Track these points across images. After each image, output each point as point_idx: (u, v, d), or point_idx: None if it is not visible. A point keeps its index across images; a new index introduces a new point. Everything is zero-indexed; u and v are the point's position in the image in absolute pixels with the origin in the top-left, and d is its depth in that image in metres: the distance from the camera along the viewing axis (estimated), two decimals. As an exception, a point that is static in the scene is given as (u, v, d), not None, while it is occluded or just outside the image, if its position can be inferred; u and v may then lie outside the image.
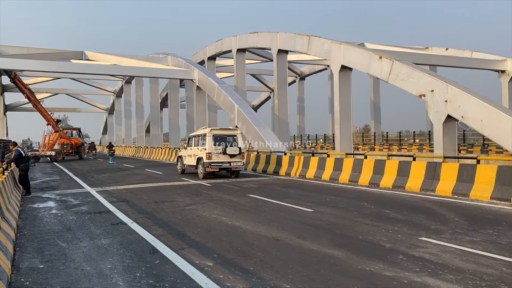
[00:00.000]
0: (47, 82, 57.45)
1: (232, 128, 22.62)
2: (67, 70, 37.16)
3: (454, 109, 17.43)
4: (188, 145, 20.65)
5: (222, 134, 18.78)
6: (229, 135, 18.90)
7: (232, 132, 19.17)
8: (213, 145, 18.23)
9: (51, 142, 37.59)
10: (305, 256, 6.30)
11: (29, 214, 10.19)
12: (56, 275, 5.62)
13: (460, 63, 31.90)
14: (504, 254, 6.21)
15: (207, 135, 18.38)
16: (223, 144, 18.41)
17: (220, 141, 18.50)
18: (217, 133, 18.67)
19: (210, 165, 18.10)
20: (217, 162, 18.16)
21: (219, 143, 18.43)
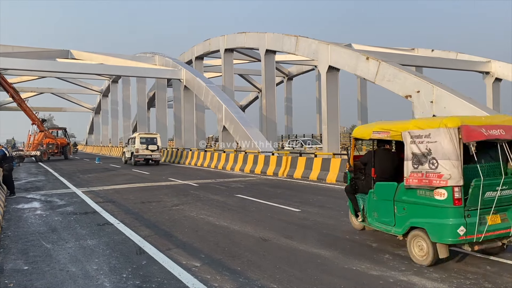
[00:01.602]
0: (32, 81, 56.68)
1: (154, 133, 32.28)
2: (53, 69, 36.72)
3: (439, 110, 17.64)
4: (127, 144, 30.41)
5: (146, 136, 28.88)
6: (151, 137, 28.84)
7: (153, 136, 29.31)
8: (140, 144, 27.78)
9: (36, 142, 37.10)
10: (292, 256, 6.32)
11: (14, 215, 10.05)
12: (41, 276, 5.55)
13: (446, 64, 32.32)
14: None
15: (137, 137, 28.31)
16: (146, 143, 27.95)
17: (145, 141, 28.07)
18: (143, 136, 28.88)
19: (137, 156, 27.86)
20: (142, 155, 27.90)
21: (144, 143, 27.94)
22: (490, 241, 5.72)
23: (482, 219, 5.59)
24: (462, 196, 5.45)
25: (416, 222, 5.89)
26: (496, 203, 5.61)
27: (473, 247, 5.63)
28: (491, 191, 5.58)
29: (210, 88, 30.40)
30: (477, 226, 5.49)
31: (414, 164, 5.84)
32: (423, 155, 5.73)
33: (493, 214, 5.66)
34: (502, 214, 5.78)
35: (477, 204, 5.51)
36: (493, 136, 5.62)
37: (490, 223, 5.62)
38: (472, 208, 5.52)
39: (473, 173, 5.57)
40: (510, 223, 5.77)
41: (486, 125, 5.69)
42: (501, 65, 32.11)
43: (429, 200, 5.70)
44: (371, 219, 6.87)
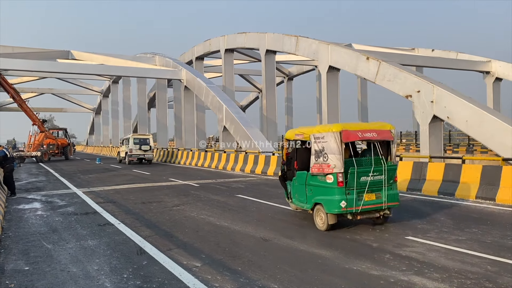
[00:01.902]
0: (33, 81, 56.70)
1: (146, 134, 34.99)
2: (53, 70, 36.75)
3: (440, 109, 17.63)
4: (122, 145, 32.43)
5: (139, 137, 30.63)
6: (144, 138, 30.62)
7: (146, 136, 31.16)
8: (134, 144, 29.54)
9: (36, 143, 37.10)
10: (293, 256, 6.32)
11: (14, 216, 10.05)
12: (41, 277, 5.55)
13: (446, 64, 32.30)
14: (489, 252, 6.30)
15: (130, 138, 30.05)
16: (140, 144, 29.69)
17: (138, 142, 29.81)
18: (136, 137, 30.60)
19: (131, 156, 29.63)
20: (136, 154, 29.67)
21: (137, 143, 29.71)
22: (368, 212, 7.96)
23: (359, 196, 7.75)
24: (343, 179, 7.62)
25: (317, 199, 8.08)
26: (369, 185, 7.81)
27: (355, 216, 7.81)
28: (365, 176, 7.77)
29: (210, 89, 30.40)
30: (355, 201, 7.68)
31: (316, 157, 8.02)
32: (320, 151, 7.90)
33: (368, 193, 7.82)
34: (376, 193, 7.93)
35: (354, 185, 7.67)
36: (367, 138, 7.92)
37: (366, 199, 7.80)
38: (351, 188, 7.68)
39: (355, 164, 7.72)
40: (382, 200, 7.93)
41: (362, 130, 7.96)
42: (501, 64, 32.09)
43: (324, 183, 7.89)
44: (295, 199, 9.07)
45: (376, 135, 7.98)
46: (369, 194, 7.85)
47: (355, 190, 7.71)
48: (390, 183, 8.15)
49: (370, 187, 7.86)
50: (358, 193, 7.75)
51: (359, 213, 7.78)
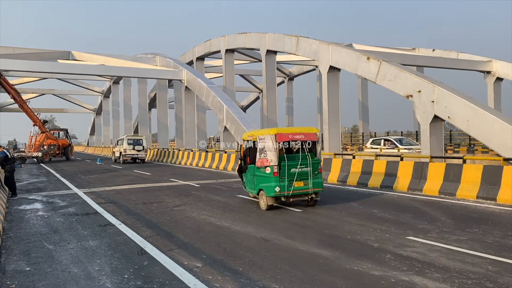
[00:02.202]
0: (34, 82, 56.73)
1: (140, 135, 36.67)
2: (54, 70, 36.78)
3: (440, 109, 17.62)
4: (117, 145, 34.61)
5: (133, 138, 32.67)
6: (137, 139, 32.72)
7: (139, 137, 33.24)
8: (128, 145, 31.58)
9: (37, 143, 37.15)
10: (294, 256, 6.32)
11: (15, 216, 10.07)
12: (42, 277, 5.56)
13: (447, 64, 32.27)
14: (490, 252, 6.30)
15: (124, 139, 32.21)
16: (133, 144, 31.80)
17: (132, 142, 31.93)
18: (130, 137, 32.69)
19: (125, 156, 31.50)
20: (130, 154, 31.57)
21: (131, 144, 31.79)
22: (298, 196, 10.21)
23: (290, 183, 10.01)
24: (278, 170, 9.93)
25: (261, 186, 10.39)
26: (298, 175, 10.09)
27: (288, 199, 10.05)
28: (294, 168, 10.08)
29: (211, 89, 30.41)
30: (286, 187, 9.95)
31: (259, 154, 10.41)
32: (262, 149, 10.30)
33: (297, 181, 10.08)
34: (304, 181, 10.18)
35: (285, 174, 9.98)
36: (297, 139, 10.34)
37: (296, 185, 10.06)
38: (283, 177, 9.98)
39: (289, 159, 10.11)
40: (309, 186, 10.16)
41: (293, 133, 10.39)
42: (502, 64, 32.05)
43: (264, 174, 10.22)
44: (248, 187, 11.40)
45: (303, 137, 10.35)
46: (298, 181, 10.13)
47: (287, 178, 10.01)
48: (315, 173, 10.38)
49: (299, 176, 10.13)
50: (289, 181, 10.05)
51: (290, 196, 10.10)
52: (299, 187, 10.13)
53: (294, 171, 10.07)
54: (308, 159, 10.27)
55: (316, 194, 10.42)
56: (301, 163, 10.15)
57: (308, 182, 10.19)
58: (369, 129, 44.14)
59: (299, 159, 10.18)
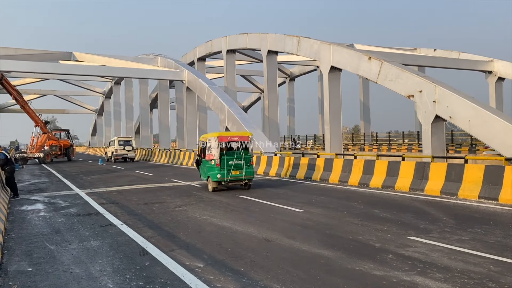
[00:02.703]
0: (35, 83, 56.91)
1: (129, 136, 41.95)
2: (55, 71, 36.88)
3: (442, 109, 17.61)
4: (109, 146, 38.23)
5: (123, 139, 36.17)
6: (127, 140, 36.14)
7: (129, 138, 36.91)
8: (118, 145, 34.98)
9: (39, 144, 37.21)
10: (296, 256, 6.32)
11: (17, 217, 10.08)
12: (44, 278, 5.57)
13: (448, 64, 32.27)
14: (492, 252, 6.29)
15: (116, 140, 35.79)
16: (124, 145, 35.07)
17: (122, 143, 35.24)
18: (121, 139, 36.29)
19: (117, 155, 34.88)
20: (120, 153, 34.94)
21: (122, 144, 35.13)
22: (235, 181, 13.95)
23: (229, 172, 13.69)
24: (220, 163, 13.57)
25: (209, 174, 14.13)
26: (234, 166, 13.75)
27: (227, 183, 13.86)
28: (231, 161, 13.75)
29: (212, 89, 30.44)
30: (225, 174, 13.62)
31: (207, 151, 14.17)
32: (209, 147, 14.04)
33: (233, 170, 13.73)
34: (239, 170, 13.90)
35: (224, 166, 13.64)
36: (233, 140, 14.22)
37: (233, 174, 13.72)
38: (223, 167, 13.62)
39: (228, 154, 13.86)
40: (242, 174, 13.91)
41: (230, 136, 14.54)
42: (503, 64, 32.04)
43: (210, 165, 13.94)
44: (202, 175, 15.09)
45: (238, 139, 14.36)
46: (234, 171, 13.88)
47: (226, 168, 13.77)
48: (248, 165, 14.23)
49: (235, 167, 13.91)
50: (228, 170, 13.79)
51: (229, 181, 13.92)
52: (235, 175, 13.95)
53: (231, 163, 13.88)
54: (242, 155, 14.15)
55: (249, 180, 14.41)
56: (236, 157, 14.03)
57: (242, 171, 14.06)
58: (370, 129, 44.14)
59: (235, 155, 14.07)
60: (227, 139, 14.19)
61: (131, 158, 35.57)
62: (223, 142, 14.05)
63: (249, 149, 14.52)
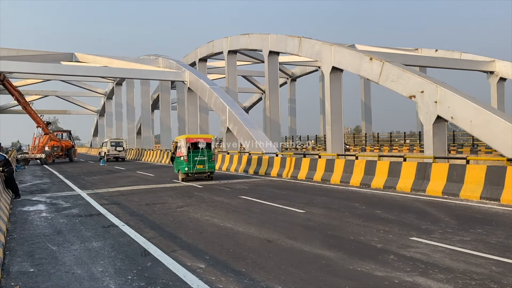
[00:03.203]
0: (37, 84, 57.00)
1: (120, 138, 45.56)
2: (57, 72, 36.89)
3: (443, 110, 17.59)
4: (102, 146, 41.04)
5: (115, 141, 40.07)
6: (118, 141, 39.91)
7: (119, 140, 40.78)
8: (110, 146, 38.45)
9: (41, 145, 37.24)
10: (297, 257, 6.32)
11: (19, 218, 10.10)
12: (46, 278, 5.58)
13: (450, 64, 32.22)
14: (494, 253, 6.28)
15: (108, 142, 39.49)
16: (115, 146, 38.56)
17: (114, 144, 38.78)
18: (112, 140, 40.22)
19: (108, 155, 37.91)
20: (112, 154, 38.08)
21: (113, 145, 38.58)
22: (199, 173, 17.51)
23: (194, 166, 17.25)
24: (187, 159, 17.15)
25: (179, 167, 17.85)
26: (199, 161, 17.33)
27: (193, 175, 17.43)
28: (196, 157, 17.30)
29: (213, 90, 30.46)
30: (192, 168, 17.21)
31: (178, 149, 17.94)
32: (179, 146, 17.77)
33: (198, 164, 17.29)
34: (203, 165, 17.41)
35: (191, 161, 17.23)
36: (198, 141, 17.63)
37: (198, 167, 17.31)
38: (190, 162, 17.22)
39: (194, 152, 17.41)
40: (205, 168, 17.42)
41: (197, 137, 18.10)
42: (505, 64, 31.97)
43: (180, 160, 17.67)
44: (175, 169, 18.45)
45: (203, 140, 17.73)
46: (199, 165, 17.38)
47: (192, 163, 17.24)
48: (210, 161, 17.63)
49: (199, 162, 17.40)
50: (194, 164, 17.27)
51: (195, 173, 17.41)
52: (200, 168, 17.50)
53: (196, 159, 17.40)
54: (205, 153, 17.58)
55: (211, 172, 17.90)
56: (201, 155, 17.49)
57: (205, 165, 17.58)
58: (372, 129, 44.10)
59: (200, 152, 17.46)
60: (193, 140, 17.71)
61: (122, 157, 38.52)
62: (190, 143, 17.56)
63: (212, 148, 17.92)
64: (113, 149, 38.23)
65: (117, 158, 38.28)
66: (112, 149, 38.22)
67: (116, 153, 38.20)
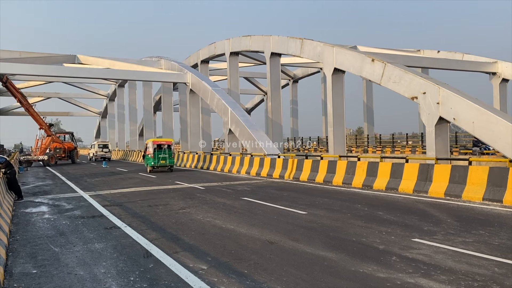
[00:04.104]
0: (40, 86, 57.13)
1: (106, 141, 52.22)
2: (60, 74, 36.99)
3: (446, 111, 17.57)
4: (91, 148, 48.70)
5: (102, 143, 45.86)
6: (105, 144, 45.81)
7: (106, 142, 46.81)
8: (98, 148, 44.72)
9: (43, 147, 37.35)
10: (299, 259, 6.32)
11: (22, 219, 10.13)
12: (49, 280, 5.59)
13: (452, 65, 32.15)
14: (496, 254, 6.27)
15: (95, 144, 45.68)
16: (102, 147, 44.62)
17: (101, 146, 44.81)
18: (100, 142, 46.06)
19: (96, 155, 44.03)
20: (99, 154, 43.85)
21: (100, 147, 44.68)
22: (162, 166, 24.67)
23: (158, 161, 24.35)
24: (153, 156, 24.26)
25: (147, 162, 25.27)
26: (161, 158, 24.38)
27: (157, 168, 24.75)
28: (160, 155, 24.42)
29: (215, 92, 30.49)
30: (156, 162, 24.33)
31: (148, 149, 25.23)
32: (148, 147, 25.36)
33: (161, 160, 24.36)
34: (165, 160, 24.50)
35: (156, 158, 24.31)
36: (162, 143, 25.47)
37: (161, 162, 24.38)
38: (155, 158, 24.29)
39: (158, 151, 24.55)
40: (167, 163, 24.56)
41: (160, 141, 26.39)
42: (508, 65, 31.89)
43: (149, 157, 24.96)
44: (145, 164, 26.23)
45: (165, 143, 25.17)
46: (162, 161, 24.11)
47: (156, 159, 24.02)
48: (170, 158, 24.55)
49: (162, 158, 24.09)
50: (158, 160, 24.03)
51: (158, 166, 24.25)
52: (162, 163, 24.26)
53: (160, 156, 24.13)
54: (166, 152, 24.45)
55: (171, 166, 24.84)
56: (163, 153, 24.37)
57: (166, 161, 24.38)
58: (374, 131, 44.06)
59: (162, 151, 24.36)
60: (158, 142, 25.26)
61: (108, 157, 44.33)
62: (155, 144, 24.74)
63: (172, 149, 25.13)
64: (100, 150, 44.51)
65: (104, 158, 43.47)
66: (100, 150, 44.54)
67: (103, 153, 44.18)
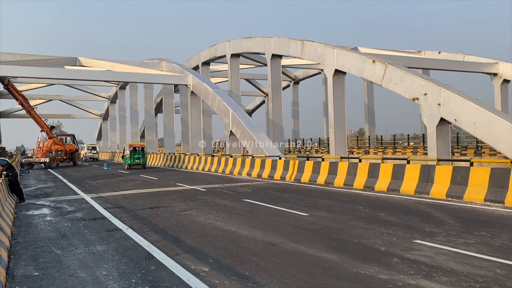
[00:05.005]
0: (41, 88, 57.25)
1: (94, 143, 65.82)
2: (61, 76, 37.10)
3: (447, 112, 17.56)
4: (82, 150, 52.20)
5: (91, 146, 56.33)
6: (93, 146, 56.58)
7: (94, 145, 58.46)
8: (87, 150, 54.13)
9: (45, 149, 37.41)
10: (301, 260, 6.31)
11: (24, 222, 10.14)
12: (51, 282, 5.60)
13: (453, 66, 32.13)
14: (498, 255, 6.26)
15: (85, 147, 55.94)
16: (91, 149, 54.51)
17: (90, 148, 54.87)
18: (88, 145, 56.47)
19: (85, 156, 52.36)
20: (89, 155, 53.08)
21: (89, 149, 54.55)
22: (137, 164, 31.45)
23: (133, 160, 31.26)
24: (129, 156, 31.35)
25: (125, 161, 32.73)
26: (136, 157, 31.34)
27: (133, 166, 31.51)
28: (135, 155, 31.37)
29: (216, 93, 30.52)
30: (132, 161, 31.21)
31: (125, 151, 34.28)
32: (125, 149, 34.51)
33: (136, 160, 31.34)
34: (139, 160, 31.43)
35: (131, 157, 31.30)
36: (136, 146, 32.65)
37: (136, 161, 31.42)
38: (131, 158, 31.29)
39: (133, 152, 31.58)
40: (141, 162, 31.41)
41: (136, 144, 33.43)
42: (509, 66, 31.85)
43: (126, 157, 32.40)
44: (124, 162, 33.46)
45: (139, 146, 32.66)
46: (137, 160, 31.19)
47: (132, 158, 31.08)
48: (143, 157, 31.65)
49: (136, 158, 31.21)
50: (133, 159, 31.08)
51: (134, 164, 31.12)
52: (137, 162, 30.94)
53: (135, 156, 30.94)
54: (140, 153, 31.36)
55: (144, 164, 31.41)
56: (137, 154, 31.21)
57: (140, 160, 31.09)
58: (375, 132, 44.03)
59: (137, 152, 31.21)
60: (133, 145, 31.91)
61: (96, 158, 53.33)
62: (132, 147, 31.52)
63: (144, 150, 32.06)
64: (89, 152, 53.21)
65: (93, 158, 52.83)
66: (88, 152, 53.19)
67: (91, 154, 53.06)
